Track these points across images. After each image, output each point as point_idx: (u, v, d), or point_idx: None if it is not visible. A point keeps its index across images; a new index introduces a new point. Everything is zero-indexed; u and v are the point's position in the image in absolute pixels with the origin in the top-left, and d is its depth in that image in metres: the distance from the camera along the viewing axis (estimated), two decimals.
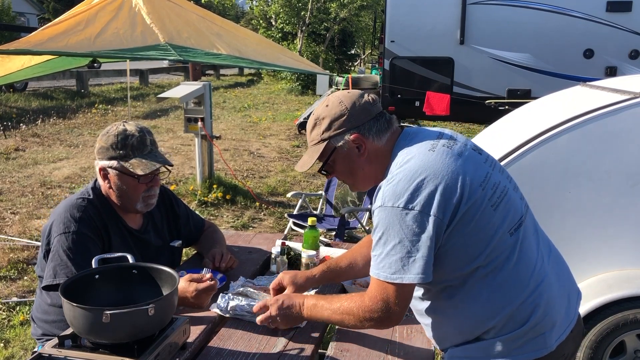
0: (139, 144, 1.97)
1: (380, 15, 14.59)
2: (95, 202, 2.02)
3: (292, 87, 19.54)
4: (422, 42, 8.73)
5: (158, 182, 2.07)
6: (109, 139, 1.96)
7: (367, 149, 1.53)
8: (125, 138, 1.96)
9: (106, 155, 1.97)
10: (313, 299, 1.66)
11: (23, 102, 12.42)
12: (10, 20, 20.06)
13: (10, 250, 4.55)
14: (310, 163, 1.58)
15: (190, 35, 4.53)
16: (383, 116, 1.56)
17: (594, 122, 2.67)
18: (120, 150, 1.95)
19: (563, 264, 1.65)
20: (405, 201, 1.38)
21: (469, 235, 1.41)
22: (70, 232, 1.89)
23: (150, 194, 2.04)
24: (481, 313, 1.46)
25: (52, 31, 3.91)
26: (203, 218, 2.51)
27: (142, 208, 2.06)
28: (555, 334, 1.49)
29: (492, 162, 1.55)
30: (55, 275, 1.84)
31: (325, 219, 4.86)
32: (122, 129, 1.97)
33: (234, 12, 43.67)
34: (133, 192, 2.00)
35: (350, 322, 1.55)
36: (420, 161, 1.43)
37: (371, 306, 1.48)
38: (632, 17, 8.21)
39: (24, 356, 3.12)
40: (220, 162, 7.36)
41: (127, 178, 1.97)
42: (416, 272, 1.39)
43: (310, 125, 1.59)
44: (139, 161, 1.95)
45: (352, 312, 1.53)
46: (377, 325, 1.51)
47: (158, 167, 1.99)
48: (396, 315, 1.47)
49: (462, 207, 1.39)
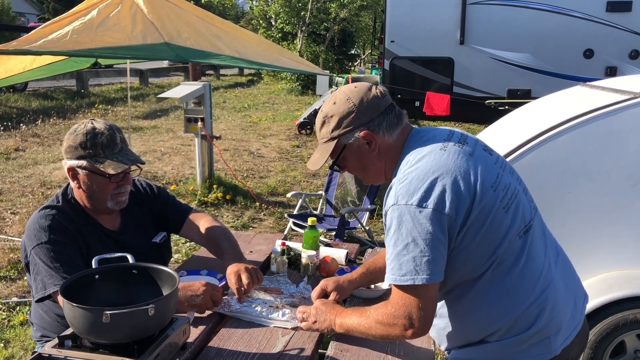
0: (109, 143, 1.90)
1: (380, 15, 14.59)
2: (65, 208, 1.96)
3: (292, 87, 19.53)
4: (422, 42, 8.72)
5: (129, 180, 2.01)
6: (77, 138, 1.88)
7: (377, 144, 1.52)
8: (95, 136, 1.88)
9: (75, 154, 1.89)
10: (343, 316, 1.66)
11: (23, 102, 12.41)
12: (10, 20, 20.06)
13: (10, 250, 4.55)
14: (322, 161, 1.57)
15: (190, 36, 4.54)
16: (393, 110, 1.54)
17: (594, 122, 2.67)
18: (89, 150, 1.87)
19: (570, 267, 1.63)
20: (419, 199, 1.36)
21: (482, 236, 1.39)
22: (43, 242, 1.84)
23: (120, 191, 1.97)
24: (487, 316, 1.46)
25: (52, 30, 3.91)
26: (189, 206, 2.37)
27: (113, 206, 1.99)
28: (560, 338, 1.48)
29: (503, 163, 1.53)
30: (45, 287, 1.81)
31: (325, 219, 4.86)
32: (90, 127, 1.89)
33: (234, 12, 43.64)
34: (102, 191, 1.94)
35: (379, 331, 1.51)
36: (432, 160, 1.42)
37: (394, 312, 1.45)
38: (632, 17, 8.20)
39: (24, 356, 3.12)
40: (220, 162, 7.36)
41: (97, 177, 1.91)
42: (429, 272, 1.37)
43: (319, 123, 1.58)
44: (110, 161, 1.88)
45: (378, 320, 1.50)
46: (403, 333, 1.45)
47: (129, 166, 1.93)
48: (422, 320, 1.42)
49: (475, 208, 1.37)
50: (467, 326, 1.50)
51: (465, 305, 1.48)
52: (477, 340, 1.49)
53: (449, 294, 1.51)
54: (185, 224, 2.26)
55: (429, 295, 1.42)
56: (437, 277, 1.38)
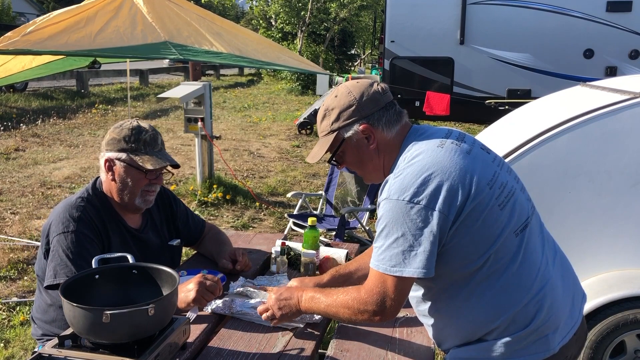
0: (151, 141, 2.01)
1: (380, 15, 14.60)
2: (95, 201, 2.03)
3: (292, 87, 19.54)
4: (422, 42, 8.72)
5: (161, 180, 2.09)
6: (122, 132, 1.98)
7: (376, 139, 1.53)
8: (139, 133, 1.99)
9: (117, 147, 1.98)
10: (311, 292, 1.66)
11: (23, 102, 12.41)
12: (10, 20, 20.07)
13: (10, 250, 4.55)
14: (320, 154, 1.59)
15: (191, 34, 4.53)
16: (393, 106, 1.56)
17: (594, 122, 2.67)
18: (132, 144, 1.97)
19: (568, 266, 1.64)
20: (411, 195, 1.38)
21: (475, 233, 1.40)
22: (69, 231, 1.90)
23: (150, 189, 2.05)
24: (484, 314, 1.46)
25: (52, 30, 3.90)
26: (203, 219, 2.52)
27: (140, 204, 2.06)
28: (558, 336, 1.49)
29: (500, 162, 1.55)
30: (56, 275, 1.85)
31: (325, 219, 4.86)
32: (136, 125, 2.01)
33: (234, 12, 43.66)
34: (135, 185, 2.01)
35: (345, 315, 1.54)
36: (428, 157, 1.43)
37: (366, 298, 1.47)
38: (632, 17, 8.21)
39: (24, 356, 3.12)
40: (220, 162, 7.36)
41: (133, 171, 1.99)
42: (417, 266, 1.39)
43: (320, 117, 1.60)
44: (150, 157, 1.98)
45: (347, 304, 1.52)
46: (371, 318, 1.49)
47: (166, 165, 2.03)
48: (391, 310, 1.46)
49: (468, 205, 1.39)
50: (465, 325, 1.50)
51: (462, 304, 1.48)
52: (475, 339, 1.50)
53: (445, 292, 1.51)
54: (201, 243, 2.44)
55: (405, 288, 1.45)
56: (424, 273, 1.40)
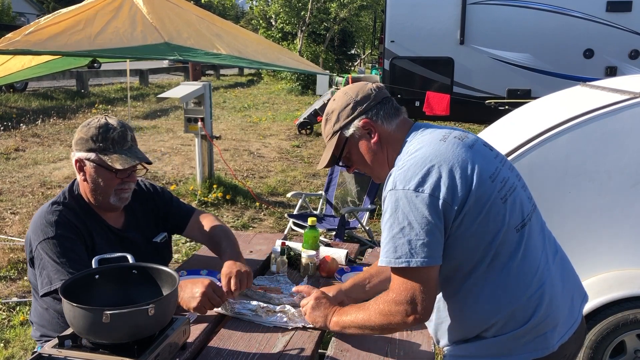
0: (120, 139, 1.93)
1: (380, 15, 14.60)
2: (72, 204, 1.98)
3: (292, 87, 19.54)
4: (422, 42, 8.71)
5: (134, 178, 2.04)
6: (89, 131, 1.91)
7: (377, 132, 1.56)
8: (107, 131, 1.91)
9: (85, 146, 1.91)
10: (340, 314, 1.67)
11: (23, 102, 12.41)
12: (10, 20, 20.07)
13: (10, 250, 4.55)
14: (327, 159, 1.61)
15: (191, 35, 4.53)
16: (390, 101, 1.59)
17: (594, 122, 2.67)
18: (100, 143, 1.90)
19: (569, 265, 1.64)
20: (415, 184, 1.40)
21: (479, 224, 1.41)
22: (49, 237, 1.85)
23: (123, 187, 1.99)
24: (483, 310, 1.46)
25: (52, 30, 3.90)
26: (195, 207, 2.40)
27: (116, 202, 2.01)
28: (557, 335, 1.49)
29: (502, 159, 1.56)
30: (51, 282, 1.81)
31: (325, 219, 4.86)
32: (103, 122, 1.93)
33: (234, 12, 43.66)
34: (107, 185, 1.95)
35: (378, 321, 1.51)
36: (431, 149, 1.45)
37: (395, 297, 1.45)
38: (632, 17, 8.20)
39: (24, 356, 3.12)
40: (220, 162, 7.36)
41: (103, 171, 1.93)
42: (425, 255, 1.39)
43: (323, 123, 1.64)
44: (119, 156, 1.91)
45: (378, 309, 1.51)
46: (404, 320, 1.45)
47: (137, 163, 1.96)
48: (423, 304, 1.42)
49: (471, 196, 1.40)
50: (463, 321, 1.51)
51: (461, 300, 1.49)
52: (473, 335, 1.50)
53: (444, 287, 1.51)
54: (189, 224, 2.28)
55: (430, 279, 1.43)
56: (433, 261, 1.40)
